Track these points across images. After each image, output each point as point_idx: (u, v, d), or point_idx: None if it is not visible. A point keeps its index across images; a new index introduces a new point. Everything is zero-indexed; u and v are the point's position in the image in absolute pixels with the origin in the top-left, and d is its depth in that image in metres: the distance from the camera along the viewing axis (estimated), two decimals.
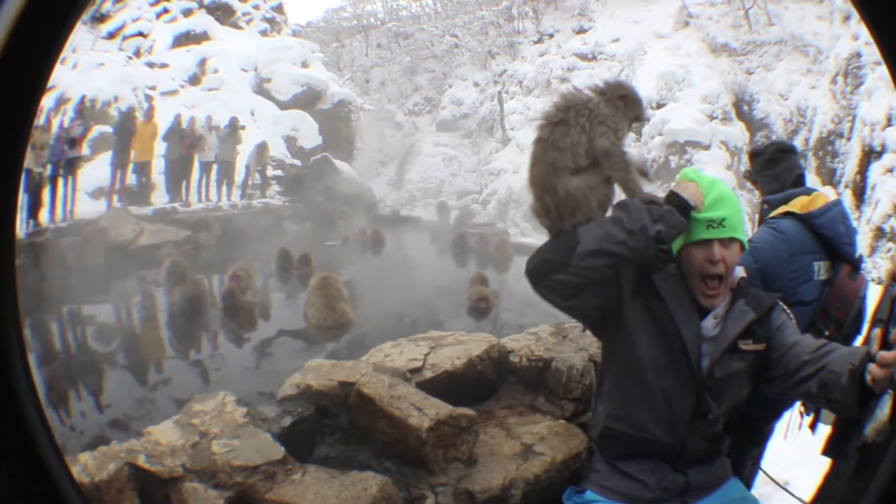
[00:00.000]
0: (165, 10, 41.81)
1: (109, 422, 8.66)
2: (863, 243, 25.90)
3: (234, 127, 31.91)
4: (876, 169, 28.58)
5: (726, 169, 38.50)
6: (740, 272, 4.15)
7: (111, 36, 39.45)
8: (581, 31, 53.99)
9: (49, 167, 22.85)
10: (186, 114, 31.41)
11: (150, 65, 38.39)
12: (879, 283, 23.50)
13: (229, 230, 25.75)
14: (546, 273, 3.78)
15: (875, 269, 25.82)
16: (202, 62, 39.91)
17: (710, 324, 3.95)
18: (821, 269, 5.24)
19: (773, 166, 5.67)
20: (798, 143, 36.99)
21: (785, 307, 4.11)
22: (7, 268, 1.59)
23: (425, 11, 67.77)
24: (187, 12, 42.51)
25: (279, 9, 48.92)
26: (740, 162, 39.31)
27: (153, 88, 35.92)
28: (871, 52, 30.43)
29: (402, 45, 64.50)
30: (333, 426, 5.35)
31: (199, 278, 15.95)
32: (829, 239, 5.23)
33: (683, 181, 4.00)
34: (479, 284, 15.25)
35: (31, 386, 1.60)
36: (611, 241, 3.69)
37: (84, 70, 32.90)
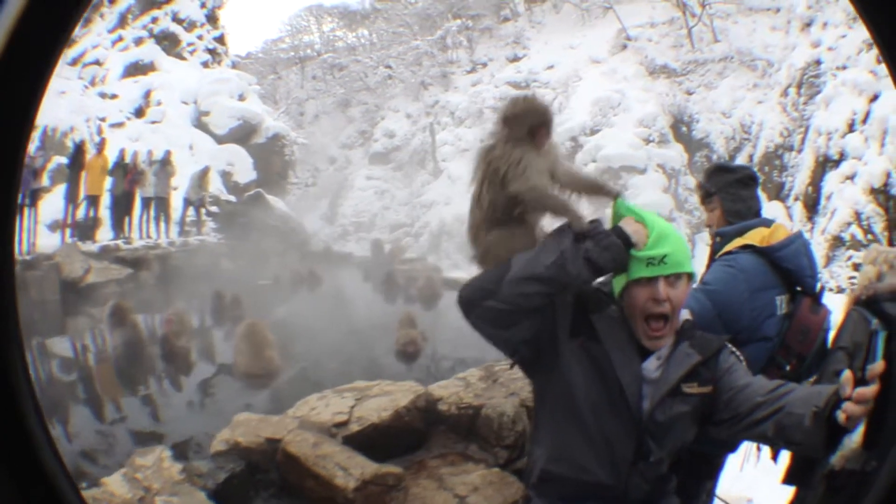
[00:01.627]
0: (120, 38, 43.56)
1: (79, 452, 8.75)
2: (818, 253, 25.85)
3: (165, 162, 31.33)
4: (832, 178, 28.50)
5: (664, 192, 39.04)
6: (685, 314, 3.93)
7: (74, 62, 41.10)
8: (515, 59, 54.08)
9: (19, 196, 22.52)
10: (131, 147, 31.15)
11: (103, 95, 38.80)
12: (839, 291, 23.47)
13: (167, 268, 25.46)
14: (478, 300, 3.62)
15: (833, 278, 26.04)
16: (147, 94, 40.38)
17: (652, 366, 3.73)
18: (782, 303, 5.04)
19: (745, 189, 5.41)
20: (741, 160, 37.23)
21: (734, 349, 3.88)
22: (7, 269, 1.62)
23: (361, 42, 67.95)
24: (138, 41, 43.64)
25: (221, 39, 49.66)
26: (678, 184, 39.89)
27: (103, 120, 36.12)
28: (833, 57, 31.19)
29: (336, 77, 64.52)
30: (266, 482, 5.30)
31: (139, 320, 15.55)
32: (792, 272, 5.04)
33: (630, 218, 3.73)
34: (407, 327, 14.88)
35: (31, 389, 1.62)
36: (540, 265, 3.54)
37: (49, 97, 32.40)
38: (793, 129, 34.48)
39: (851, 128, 28.24)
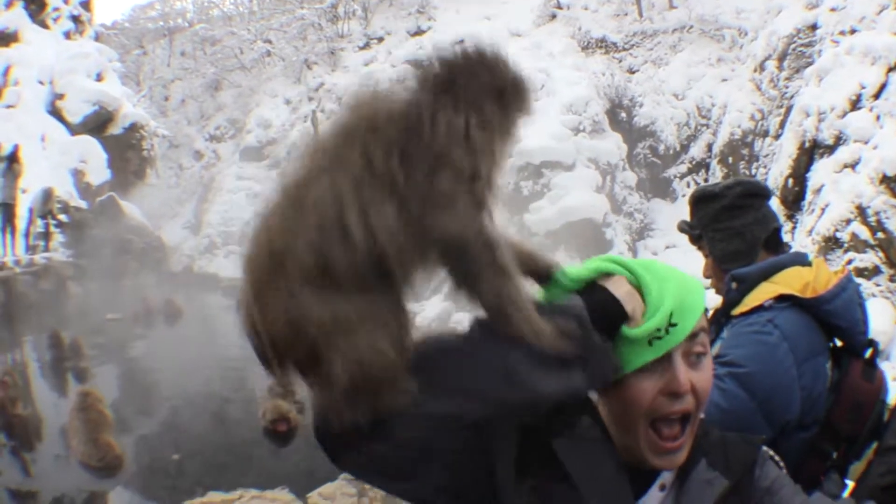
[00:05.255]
0: None
1: None
2: None
3: (12, 159, 28.84)
4: (824, 167, 24.04)
5: (596, 191, 35.38)
6: None
7: None
8: (418, 32, 49.68)
9: None
10: None
11: None
12: None
13: (13, 296, 23.88)
14: (354, 444, 1.95)
15: None
16: (7, 70, 37.10)
17: (654, 500, 2.23)
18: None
19: (738, 216, 4.03)
20: (697, 151, 36.06)
21: (772, 453, 2.42)
22: None
23: (239, 11, 63.52)
24: (9, 3, 39.98)
25: (87, 5, 45.66)
26: (614, 182, 37.27)
27: None
28: (838, 20, 26.83)
29: (208, 53, 59.81)
30: None
31: None
32: (843, 330, 3.79)
33: (614, 277, 2.15)
34: (277, 396, 12.70)
35: None
36: (480, 396, 1.97)
37: None
38: (768, 111, 31.21)
39: (856, 105, 23.86)
